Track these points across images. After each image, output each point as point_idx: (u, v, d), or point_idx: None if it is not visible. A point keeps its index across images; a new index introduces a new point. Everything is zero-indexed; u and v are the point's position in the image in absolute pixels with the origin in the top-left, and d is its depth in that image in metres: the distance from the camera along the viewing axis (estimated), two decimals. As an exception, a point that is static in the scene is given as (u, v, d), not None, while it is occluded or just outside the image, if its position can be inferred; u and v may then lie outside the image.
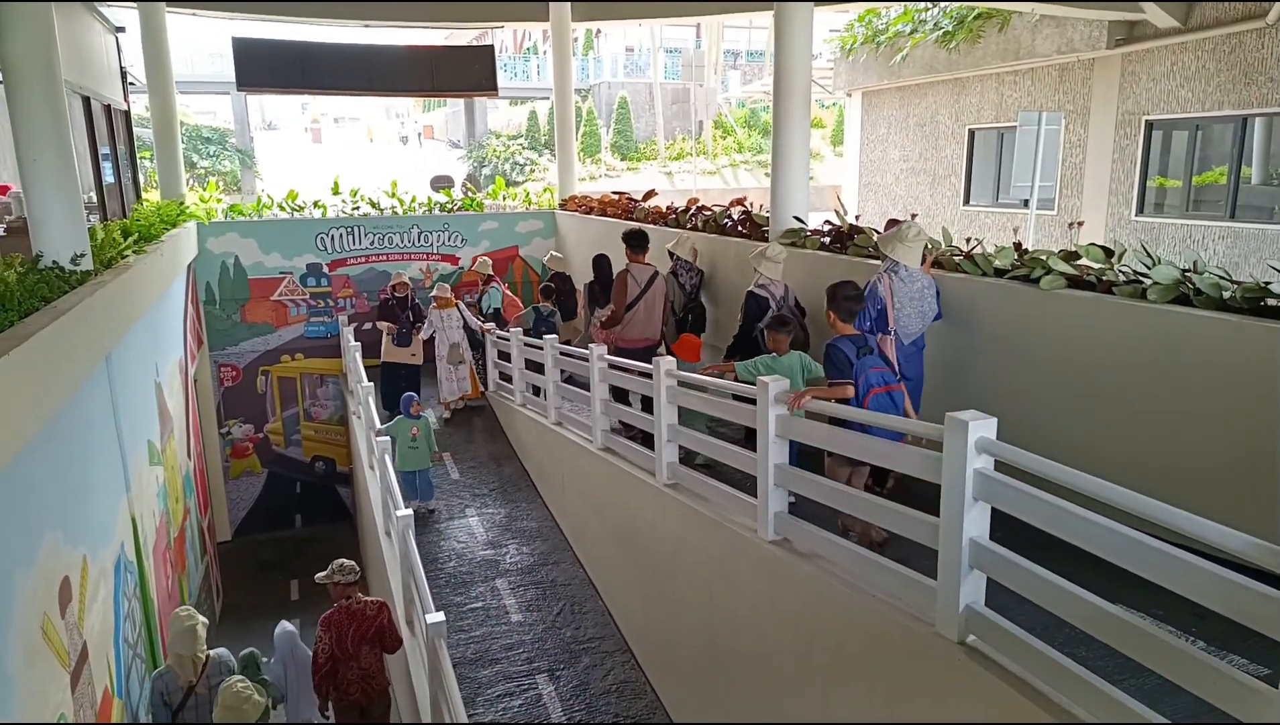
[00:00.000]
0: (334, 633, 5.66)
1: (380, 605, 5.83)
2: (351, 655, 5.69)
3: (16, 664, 3.63)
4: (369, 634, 5.71)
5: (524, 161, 32.98)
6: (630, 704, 5.89)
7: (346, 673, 5.72)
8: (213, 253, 11.55)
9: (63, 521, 4.48)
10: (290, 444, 12.47)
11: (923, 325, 4.99)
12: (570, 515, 7.89)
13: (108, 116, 9.43)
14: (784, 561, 4.24)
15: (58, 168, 5.23)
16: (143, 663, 5.98)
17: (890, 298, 4.89)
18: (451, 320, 10.10)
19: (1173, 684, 2.45)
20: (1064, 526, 2.75)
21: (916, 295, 4.93)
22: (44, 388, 3.94)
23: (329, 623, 5.71)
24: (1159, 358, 4.15)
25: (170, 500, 7.72)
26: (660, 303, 7.50)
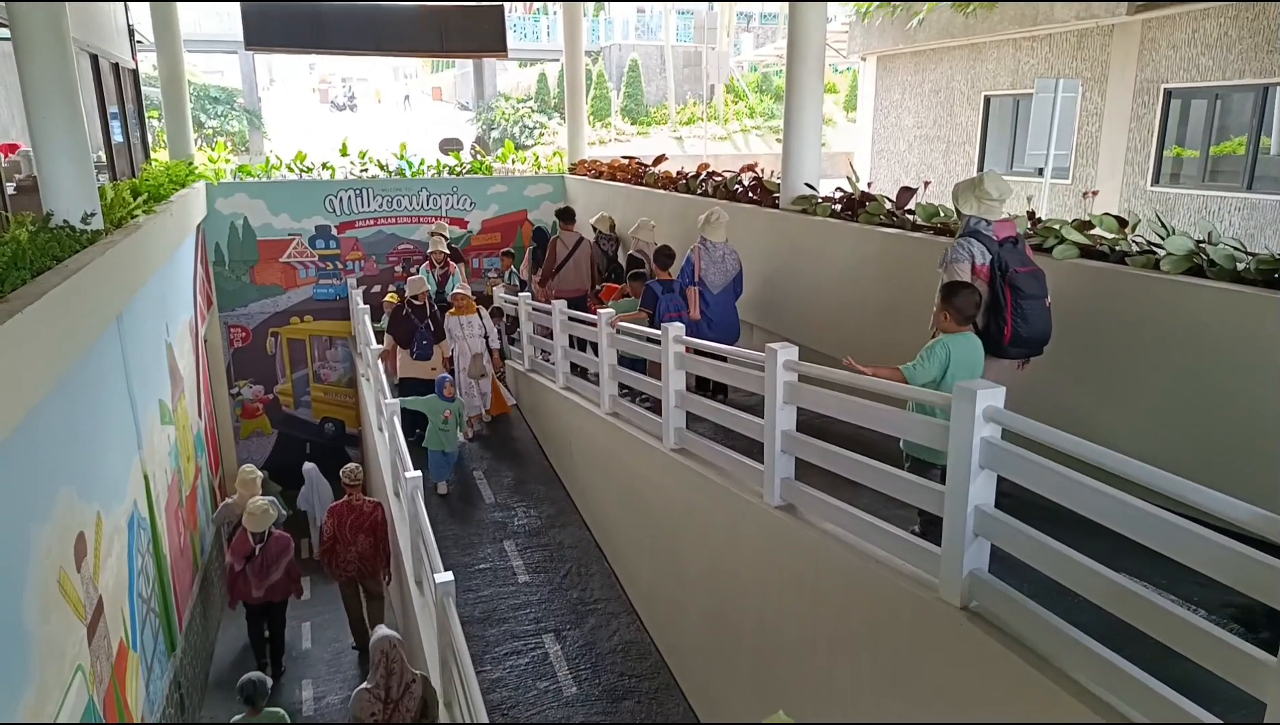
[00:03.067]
0: (336, 520, 7.12)
1: (375, 504, 7.25)
2: (350, 541, 7.07)
3: (34, 616, 3.70)
4: (365, 525, 7.11)
5: (533, 125, 32.72)
6: (635, 664, 5.98)
7: (345, 554, 7.10)
8: (222, 213, 11.54)
9: (77, 478, 4.53)
10: (300, 405, 12.55)
11: (724, 281, 6.72)
12: (578, 479, 7.95)
13: (116, 75, 9.38)
14: (789, 527, 4.28)
15: (67, 126, 5.21)
16: (156, 617, 6.09)
17: (698, 262, 6.69)
18: (473, 328, 8.91)
19: (1174, 651, 2.47)
20: (1069, 495, 2.77)
21: (719, 260, 6.71)
22: (57, 346, 3.97)
23: (333, 512, 7.22)
24: (1170, 329, 4.13)
25: (182, 459, 7.80)
26: (586, 262, 9.47)
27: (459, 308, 8.88)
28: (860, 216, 6.47)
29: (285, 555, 7.48)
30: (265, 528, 7.29)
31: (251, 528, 7.25)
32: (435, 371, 8.85)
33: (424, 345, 8.98)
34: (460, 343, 8.85)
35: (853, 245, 6.38)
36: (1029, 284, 4.20)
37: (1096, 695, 2.68)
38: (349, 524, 7.05)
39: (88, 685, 4.30)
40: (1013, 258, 4.25)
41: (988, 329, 4.25)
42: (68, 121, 5.21)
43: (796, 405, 4.30)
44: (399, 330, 9.03)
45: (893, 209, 6.30)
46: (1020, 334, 4.19)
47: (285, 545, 7.51)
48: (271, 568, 7.36)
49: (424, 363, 9.03)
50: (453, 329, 8.85)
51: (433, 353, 9.02)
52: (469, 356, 8.86)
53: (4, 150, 6.23)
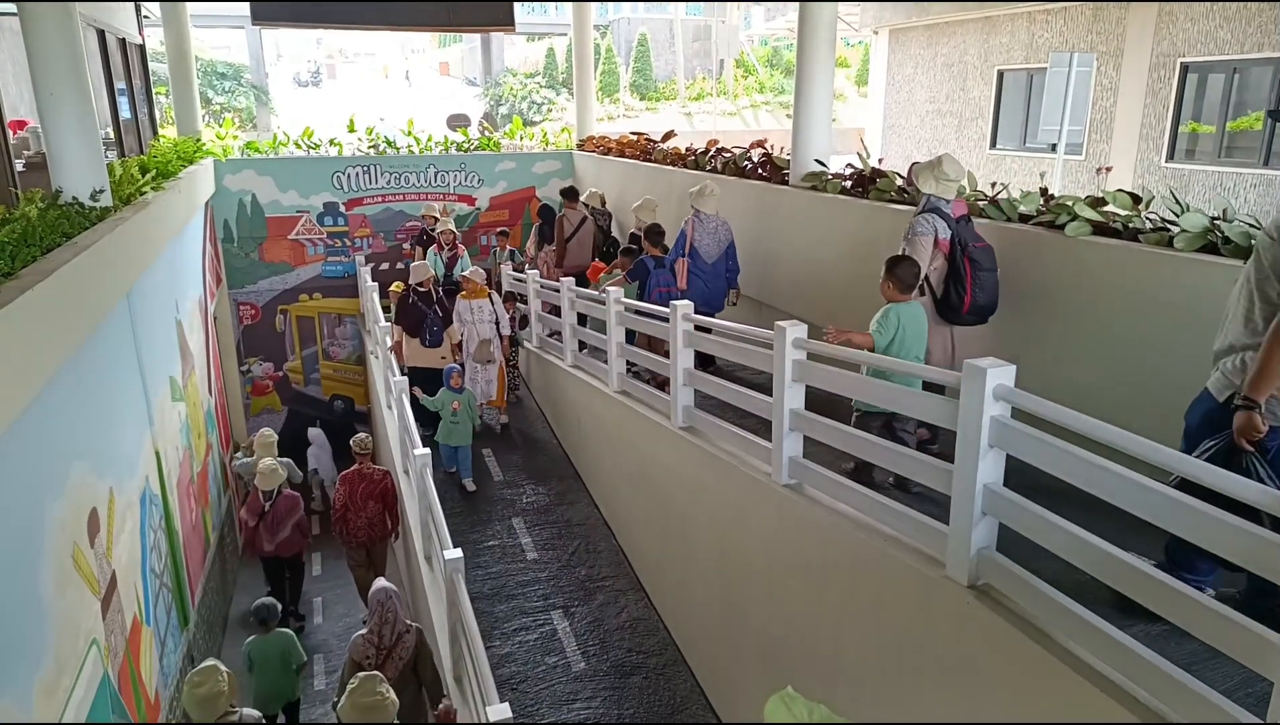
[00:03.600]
0: (347, 488, 7.32)
1: (384, 472, 7.45)
2: (360, 507, 7.29)
3: (49, 590, 3.75)
4: (374, 493, 7.32)
5: (541, 101, 32.51)
6: (643, 640, 6.02)
7: (356, 520, 7.29)
8: (230, 190, 11.54)
9: (89, 454, 4.57)
10: (309, 382, 12.60)
11: (718, 252, 6.85)
12: (586, 456, 7.97)
13: (123, 50, 9.34)
14: (797, 505, 4.28)
15: (75, 102, 5.20)
16: (169, 593, 6.15)
17: (691, 233, 6.81)
18: (482, 312, 8.54)
19: (1182, 630, 2.47)
20: (1079, 474, 2.76)
21: (711, 231, 6.84)
22: (68, 322, 3.99)
23: (345, 479, 7.37)
24: (1184, 307, 4.10)
25: (193, 435, 7.85)
26: (589, 239, 9.79)
27: (469, 291, 8.54)
28: (871, 193, 6.42)
29: (294, 514, 8.04)
30: (274, 487, 7.85)
31: (262, 486, 7.81)
32: (445, 360, 8.53)
33: (435, 332, 8.59)
34: (469, 327, 8.55)
35: (863, 222, 6.33)
36: (985, 258, 4.68)
37: (1104, 674, 2.68)
38: (360, 491, 7.35)
39: (102, 659, 4.36)
40: (968, 234, 4.72)
41: (948, 298, 4.68)
42: (75, 98, 5.20)
43: (805, 383, 4.29)
44: (407, 318, 8.63)
45: (904, 185, 6.24)
46: (978, 302, 4.65)
47: (294, 504, 8.07)
48: (280, 524, 7.92)
49: (434, 350, 8.64)
50: (461, 313, 8.54)
51: (443, 339, 8.66)
52: (476, 341, 8.53)
53: (12, 127, 6.22)
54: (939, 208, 4.75)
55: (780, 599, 4.59)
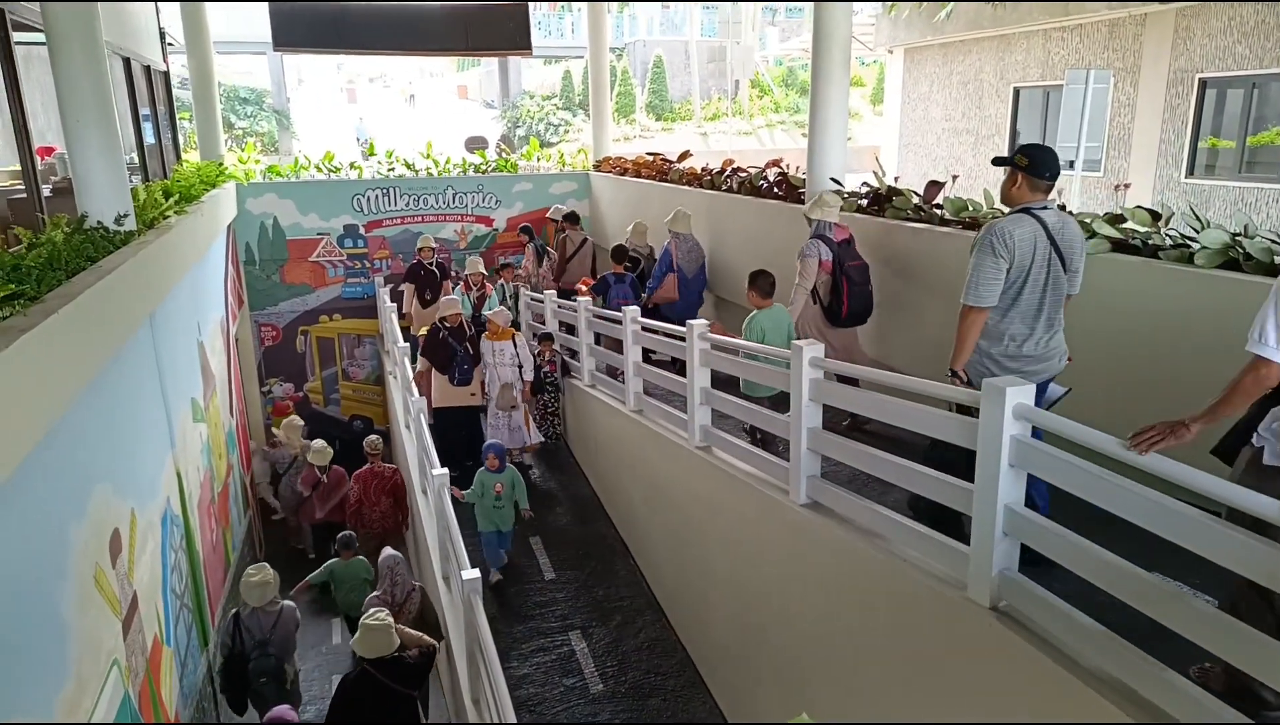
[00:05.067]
0: (361, 485, 8.12)
1: (394, 470, 8.24)
2: (374, 502, 8.06)
3: (71, 611, 3.77)
4: (385, 488, 8.09)
5: (558, 122, 32.75)
6: (661, 661, 5.98)
7: (370, 513, 8.05)
8: (252, 213, 11.69)
9: (111, 476, 4.61)
10: (329, 403, 12.68)
11: (695, 268, 7.96)
12: (603, 475, 7.96)
13: (148, 77, 9.51)
14: (815, 525, 4.25)
15: (101, 129, 5.29)
16: (190, 613, 6.18)
17: (675, 253, 7.87)
18: (504, 355, 8.20)
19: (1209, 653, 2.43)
20: (1102, 494, 2.72)
21: (692, 250, 7.99)
22: (91, 345, 4.04)
23: (359, 478, 8.20)
24: (1205, 325, 4.05)
25: (214, 456, 7.90)
26: (589, 258, 10.70)
27: (492, 332, 8.27)
28: (886, 211, 6.41)
29: (343, 485, 9.07)
30: (326, 462, 9.16)
31: (316, 462, 9.13)
32: (474, 397, 8.39)
33: (465, 369, 8.30)
34: (491, 370, 8.27)
35: (879, 241, 6.32)
36: (858, 275, 5.83)
37: (1130, 696, 2.64)
38: (373, 487, 8.13)
39: (123, 679, 4.38)
40: (847, 255, 5.84)
41: (832, 306, 5.85)
42: (101, 124, 5.29)
43: (823, 403, 4.27)
44: (437, 355, 8.32)
45: (920, 203, 6.23)
46: (853, 309, 5.82)
47: (341, 477, 9.23)
48: (332, 494, 9.20)
49: (463, 388, 8.38)
50: (484, 353, 8.29)
51: (472, 377, 8.38)
52: (498, 385, 8.24)
53: (40, 153, 6.34)
54: (824, 234, 5.87)
55: (799, 620, 4.55)
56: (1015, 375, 3.59)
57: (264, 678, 5.99)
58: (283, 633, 6.14)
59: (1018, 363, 3.73)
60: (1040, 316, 3.73)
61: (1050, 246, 3.70)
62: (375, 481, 8.15)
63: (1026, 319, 3.73)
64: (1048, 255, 3.69)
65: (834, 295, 5.80)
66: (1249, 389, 2.67)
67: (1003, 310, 3.71)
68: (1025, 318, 3.72)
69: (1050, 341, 3.79)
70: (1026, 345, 3.74)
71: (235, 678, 6.04)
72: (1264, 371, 2.61)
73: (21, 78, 5.30)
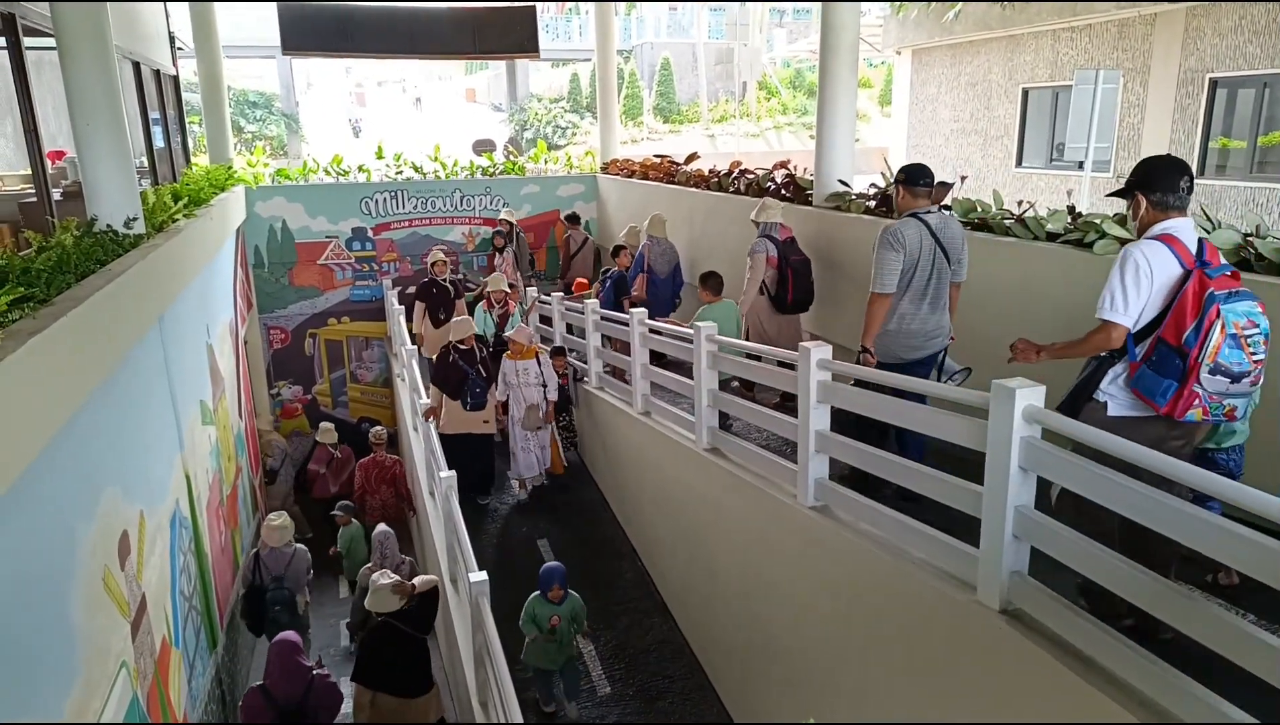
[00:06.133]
0: (364, 474, 8.84)
1: (396, 460, 9.01)
2: (374, 489, 8.74)
3: (80, 612, 3.78)
4: (386, 478, 8.79)
5: (565, 125, 32.81)
6: (669, 663, 5.97)
7: (372, 501, 8.72)
8: (260, 217, 11.73)
9: (120, 478, 4.62)
10: (337, 405, 12.72)
11: (668, 269, 8.48)
12: (610, 478, 7.96)
13: (157, 81, 9.56)
14: (824, 527, 4.23)
15: (110, 133, 5.31)
16: (198, 615, 6.19)
17: (648, 255, 8.43)
18: (529, 375, 7.74)
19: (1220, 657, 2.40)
20: (1112, 496, 2.70)
21: (665, 252, 8.49)
22: (101, 348, 4.05)
23: (362, 467, 8.92)
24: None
25: (223, 459, 7.93)
26: (590, 257, 11.46)
27: (514, 351, 7.77)
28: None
29: (351, 462, 9.94)
30: (334, 440, 10.17)
31: (327, 441, 10.10)
32: (487, 424, 7.95)
33: (477, 394, 7.80)
34: (515, 391, 7.76)
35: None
36: (801, 267, 6.56)
37: (1139, 698, 2.61)
38: (374, 476, 8.74)
39: (131, 681, 4.39)
40: (790, 251, 6.57)
41: (778, 295, 6.54)
42: (111, 129, 5.32)
43: (830, 404, 4.26)
44: (446, 379, 7.82)
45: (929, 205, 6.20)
46: (797, 298, 6.53)
47: (350, 454, 10.17)
48: (343, 470, 10.07)
49: (476, 414, 7.87)
50: (507, 375, 7.74)
51: (486, 402, 7.90)
52: (524, 406, 7.73)
53: (51, 157, 6.37)
54: (770, 234, 6.57)
55: (807, 622, 4.53)
56: (906, 346, 4.58)
57: (279, 606, 6.90)
58: (296, 570, 7.08)
59: (908, 337, 4.58)
60: (925, 299, 4.55)
61: (934, 243, 4.53)
62: (376, 471, 8.80)
63: (915, 301, 4.54)
64: (932, 250, 4.53)
65: (780, 286, 6.53)
66: (1097, 345, 3.18)
67: (897, 295, 4.53)
68: (914, 300, 4.54)
69: (935, 320, 4.60)
70: (914, 322, 4.56)
71: (255, 606, 6.96)
72: (1113, 333, 3.10)
73: (32, 82, 5.33)
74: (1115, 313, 3.07)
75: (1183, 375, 2.93)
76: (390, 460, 8.88)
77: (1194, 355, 2.91)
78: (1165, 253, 3.04)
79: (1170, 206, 3.14)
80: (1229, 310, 2.90)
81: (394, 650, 5.32)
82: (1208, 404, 2.94)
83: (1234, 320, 2.89)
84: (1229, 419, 3.02)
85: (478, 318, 8.79)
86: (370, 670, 5.32)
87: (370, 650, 5.38)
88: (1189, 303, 2.94)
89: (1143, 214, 3.20)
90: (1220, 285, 2.94)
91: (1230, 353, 2.89)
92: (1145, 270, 3.03)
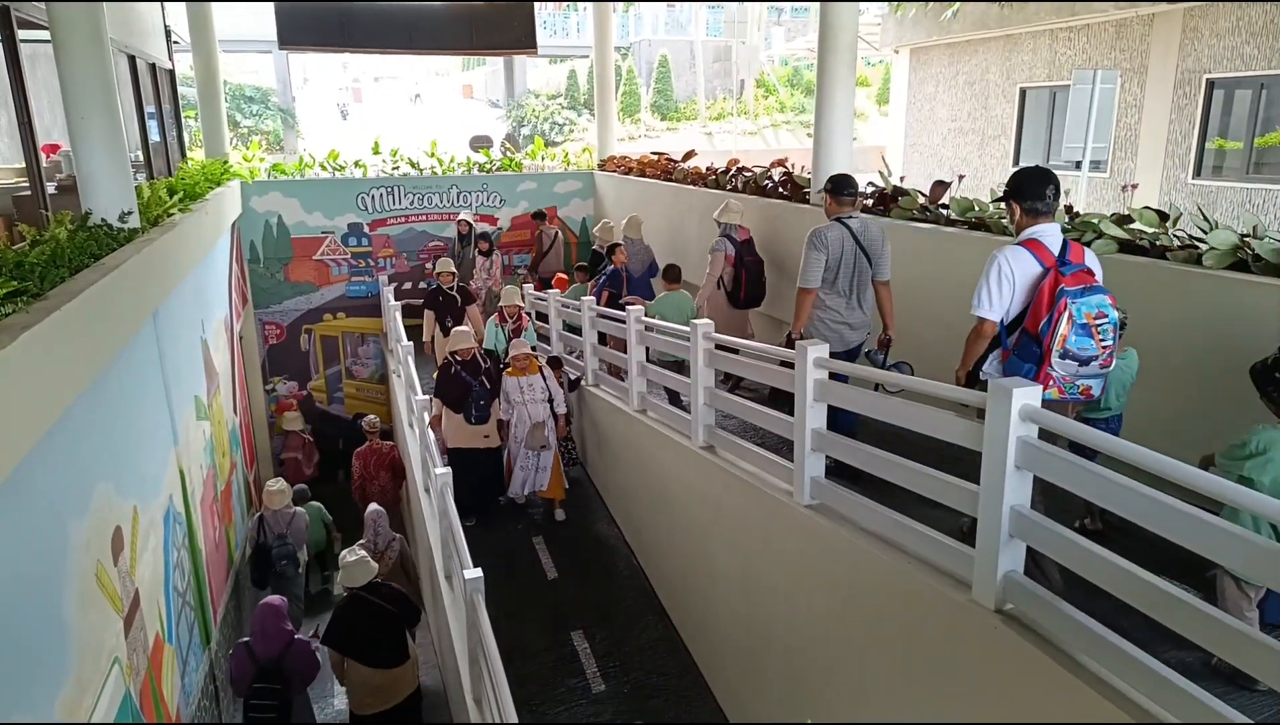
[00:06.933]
0: (361, 461, 9.22)
1: (392, 446, 9.38)
2: (374, 476, 9.13)
3: (73, 608, 3.77)
4: (384, 463, 9.20)
5: (563, 121, 32.78)
6: (664, 662, 5.96)
7: (370, 487, 9.07)
8: (256, 212, 11.69)
9: (113, 473, 4.61)
10: (333, 401, 12.69)
11: (642, 268, 8.83)
12: (606, 475, 7.95)
13: (153, 75, 9.52)
14: (820, 526, 4.23)
15: (105, 126, 5.29)
16: (192, 611, 6.18)
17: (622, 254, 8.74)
18: (534, 391, 7.37)
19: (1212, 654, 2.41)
20: (1109, 497, 2.70)
21: (639, 252, 8.91)
22: (94, 342, 4.03)
23: (359, 455, 9.30)
24: (1214, 325, 4.03)
25: (217, 454, 7.91)
26: (561, 251, 11.95)
27: (517, 366, 7.40)
28: (892, 211, 6.39)
29: (315, 452, 10.91)
30: (301, 426, 10.86)
31: (295, 428, 10.73)
32: (489, 439, 7.51)
33: (480, 407, 7.40)
34: (519, 409, 7.36)
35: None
36: (754, 267, 7.07)
37: (1133, 700, 2.61)
38: (372, 463, 9.17)
39: (124, 677, 4.37)
40: (747, 252, 7.04)
41: (733, 291, 7.05)
42: (106, 122, 5.29)
43: (827, 403, 4.25)
44: (449, 392, 7.45)
45: (926, 204, 6.21)
46: (750, 294, 7.08)
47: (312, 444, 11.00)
48: (313, 453, 10.91)
49: (479, 428, 7.45)
50: (510, 392, 7.35)
51: (489, 416, 7.49)
52: (528, 424, 7.35)
53: (45, 151, 6.34)
54: (730, 234, 7.02)
55: (803, 621, 4.53)
56: (834, 337, 5.15)
57: (284, 560, 7.73)
58: (296, 529, 7.93)
59: (835, 327, 5.20)
60: (850, 295, 5.19)
61: (855, 245, 5.13)
62: (374, 457, 9.20)
63: (839, 296, 5.18)
64: (854, 251, 5.14)
65: (735, 283, 7.04)
66: (975, 342, 3.62)
67: (824, 290, 5.16)
68: (837, 296, 5.18)
69: (857, 315, 5.24)
70: (838, 315, 5.20)
71: (261, 561, 7.78)
72: (984, 327, 3.56)
73: (27, 76, 5.30)
74: (983, 309, 3.52)
75: (1039, 360, 3.37)
76: (386, 446, 9.32)
77: (1047, 342, 3.32)
78: (1026, 256, 3.45)
79: (1039, 212, 3.53)
80: (1081, 303, 3.28)
81: (367, 624, 5.68)
82: (1061, 384, 3.37)
83: (1086, 312, 3.28)
84: (1085, 397, 3.43)
85: (489, 332, 8.37)
86: (344, 641, 5.71)
87: (343, 622, 5.73)
88: (1044, 297, 3.36)
89: (1017, 219, 3.62)
90: (1073, 282, 3.33)
91: (1078, 340, 3.30)
92: (1006, 272, 3.46)
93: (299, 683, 5.87)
